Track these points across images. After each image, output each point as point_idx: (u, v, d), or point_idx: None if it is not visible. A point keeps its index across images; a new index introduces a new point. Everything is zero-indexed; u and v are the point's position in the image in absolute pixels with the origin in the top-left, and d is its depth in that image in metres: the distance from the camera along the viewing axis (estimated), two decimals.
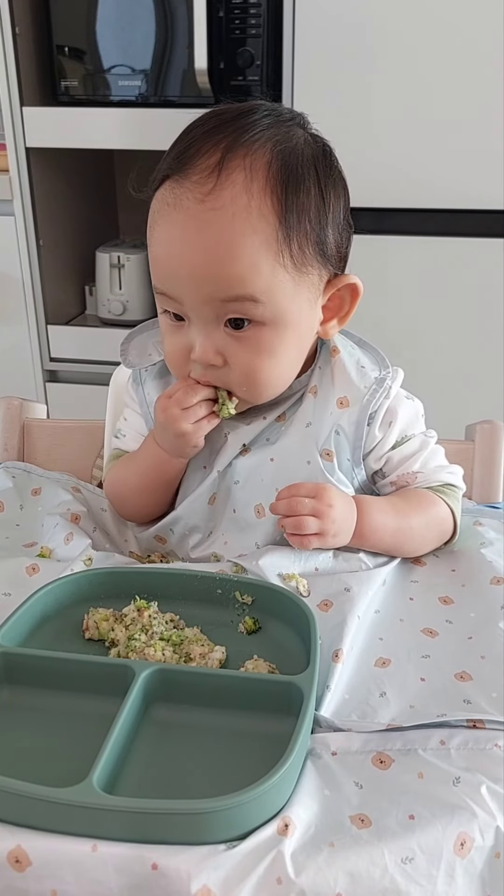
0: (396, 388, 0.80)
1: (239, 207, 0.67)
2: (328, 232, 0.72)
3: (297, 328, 0.73)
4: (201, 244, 0.68)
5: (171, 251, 0.70)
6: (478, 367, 1.75)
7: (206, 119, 0.72)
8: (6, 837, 0.47)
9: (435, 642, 0.66)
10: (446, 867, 0.47)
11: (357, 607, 0.68)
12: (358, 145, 1.61)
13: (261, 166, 0.68)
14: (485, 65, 1.54)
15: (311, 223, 0.70)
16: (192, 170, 0.68)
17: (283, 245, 0.68)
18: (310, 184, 0.70)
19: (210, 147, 0.68)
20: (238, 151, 0.68)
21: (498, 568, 0.75)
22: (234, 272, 0.68)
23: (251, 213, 0.67)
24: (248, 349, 0.72)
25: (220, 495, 0.81)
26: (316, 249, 0.71)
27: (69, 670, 0.59)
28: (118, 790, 0.50)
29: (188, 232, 0.68)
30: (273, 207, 0.68)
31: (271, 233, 0.68)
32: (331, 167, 0.73)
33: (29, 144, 1.80)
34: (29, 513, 0.87)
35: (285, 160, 0.69)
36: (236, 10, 1.65)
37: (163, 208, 0.70)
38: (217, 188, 0.67)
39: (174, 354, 0.76)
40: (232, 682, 0.58)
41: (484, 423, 0.92)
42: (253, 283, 0.68)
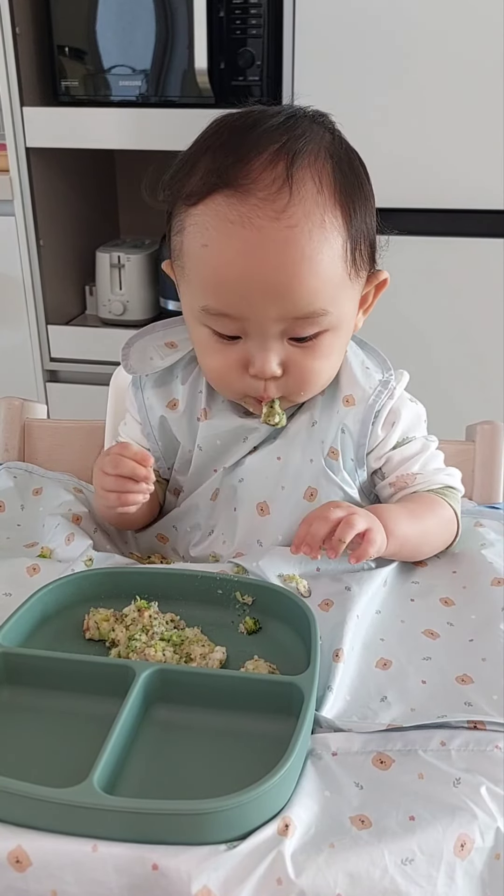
0: (401, 390, 0.80)
1: (315, 223, 0.66)
2: (373, 232, 0.73)
3: (350, 327, 0.75)
4: (282, 263, 0.66)
5: (244, 272, 0.66)
6: (478, 367, 1.75)
7: (240, 125, 0.69)
8: (7, 837, 0.47)
9: (436, 644, 0.66)
10: (446, 868, 0.47)
11: (357, 606, 0.68)
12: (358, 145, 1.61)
13: (326, 175, 0.67)
14: (485, 65, 1.54)
15: (368, 226, 0.71)
16: (255, 184, 0.65)
17: (350, 254, 0.69)
18: (363, 185, 0.71)
19: (268, 157, 0.65)
20: (302, 161, 0.66)
21: (498, 569, 0.75)
22: (313, 287, 0.67)
23: (325, 228, 0.66)
24: (309, 356, 0.72)
25: (223, 492, 0.81)
26: (369, 251, 0.72)
27: (69, 670, 0.59)
28: (118, 790, 0.50)
29: (266, 252, 0.65)
30: (343, 218, 0.68)
31: (342, 243, 0.68)
32: (364, 169, 0.73)
33: (29, 144, 1.80)
34: (30, 513, 0.87)
35: (341, 166, 0.69)
36: (236, 10, 1.65)
37: (224, 226, 0.66)
38: (291, 203, 0.65)
39: (227, 371, 0.73)
40: (232, 683, 0.58)
41: (484, 423, 0.92)
42: (325, 296, 0.68)
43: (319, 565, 0.74)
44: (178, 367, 0.83)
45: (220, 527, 0.81)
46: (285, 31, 1.59)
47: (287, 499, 0.78)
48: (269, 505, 0.79)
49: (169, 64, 1.74)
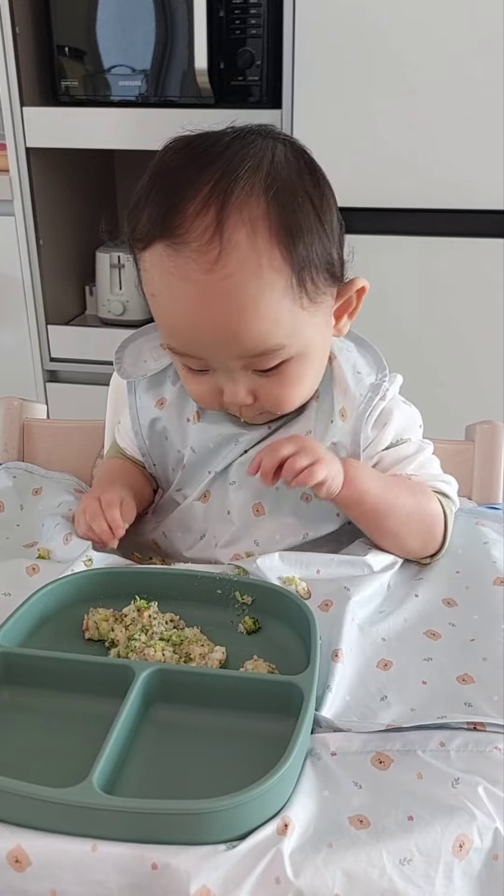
0: (394, 392, 0.79)
1: (250, 270, 0.64)
2: (332, 252, 0.70)
3: (319, 349, 0.74)
4: (220, 313, 0.66)
5: (187, 322, 0.68)
6: (478, 367, 1.75)
7: (178, 166, 0.67)
8: (6, 837, 0.47)
9: (437, 644, 0.66)
10: (444, 868, 0.47)
11: (354, 606, 0.68)
12: (358, 145, 1.61)
13: (260, 216, 0.64)
14: (485, 65, 1.54)
15: (319, 253, 0.68)
16: (187, 235, 0.64)
17: (298, 288, 0.67)
18: (308, 211, 0.67)
19: (199, 203, 0.64)
20: (232, 204, 0.64)
21: (501, 569, 0.75)
22: (259, 331, 0.67)
23: (263, 272, 0.65)
24: (276, 384, 0.72)
25: (215, 496, 0.81)
26: (327, 277, 0.70)
27: (69, 670, 0.59)
28: (118, 790, 0.50)
29: (203, 304, 0.66)
30: (283, 257, 0.65)
31: (286, 283, 0.66)
32: (316, 176, 0.70)
33: (29, 144, 1.80)
34: (29, 513, 0.87)
35: (281, 199, 0.65)
36: (236, 10, 1.65)
37: (165, 277, 0.67)
38: (223, 253, 0.63)
39: (203, 397, 0.75)
40: (232, 683, 0.58)
41: (484, 423, 0.92)
42: (277, 335, 0.68)
43: (320, 567, 0.74)
44: (171, 368, 0.83)
45: (213, 530, 0.82)
46: (285, 31, 1.59)
47: (283, 498, 0.79)
48: (263, 505, 0.79)
49: (169, 64, 1.74)
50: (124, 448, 0.88)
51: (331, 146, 1.62)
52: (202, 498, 0.81)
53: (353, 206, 1.70)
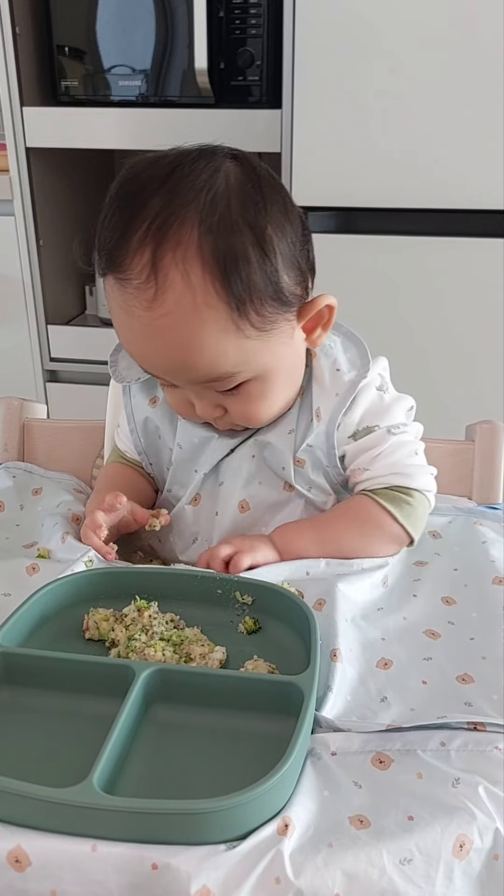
0: (369, 378, 0.78)
1: (186, 308, 0.65)
2: (281, 279, 0.68)
3: (283, 367, 0.74)
4: (166, 348, 0.68)
5: (138, 351, 0.71)
6: (478, 367, 1.75)
7: (125, 197, 0.68)
8: (6, 837, 0.47)
9: (437, 644, 0.66)
10: (445, 869, 0.47)
11: (347, 605, 0.68)
12: (358, 145, 1.61)
13: (193, 256, 0.64)
14: (485, 65, 1.54)
15: (262, 288, 0.67)
16: (129, 272, 0.66)
17: (241, 321, 0.67)
18: (248, 248, 0.65)
19: (137, 244, 0.65)
20: (167, 245, 0.64)
21: (498, 568, 0.76)
22: (202, 364, 0.68)
23: (199, 310, 0.65)
24: (241, 401, 0.74)
25: (206, 497, 0.82)
26: (275, 305, 0.69)
27: (69, 670, 0.59)
28: (118, 790, 0.50)
29: (147, 339, 0.68)
30: (219, 294, 0.65)
31: (225, 318, 0.66)
32: (264, 202, 0.67)
33: (29, 144, 1.81)
34: (29, 513, 0.87)
35: (215, 237, 0.64)
36: (236, 10, 1.65)
37: (116, 309, 0.69)
38: (159, 293, 0.65)
39: (178, 408, 0.78)
40: (232, 683, 0.58)
41: (484, 423, 0.92)
42: (224, 364, 0.69)
43: (309, 569, 0.74)
44: None
45: (204, 532, 0.82)
46: (285, 31, 1.59)
47: (266, 493, 0.80)
48: (248, 501, 0.80)
49: (169, 64, 1.74)
50: (124, 451, 0.88)
51: (331, 146, 1.62)
52: (193, 501, 0.82)
53: (354, 206, 1.70)
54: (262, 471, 0.80)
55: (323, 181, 1.65)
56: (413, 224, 1.68)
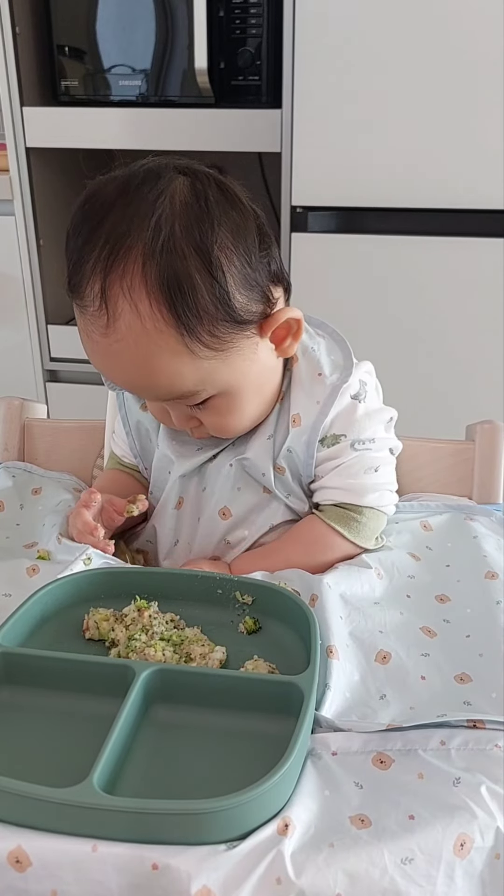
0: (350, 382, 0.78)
1: (137, 334, 0.66)
2: (233, 299, 0.68)
3: (249, 381, 0.74)
4: (122, 371, 0.70)
5: (103, 371, 0.73)
6: (478, 367, 1.75)
7: (80, 224, 0.69)
8: (6, 837, 0.47)
9: (434, 643, 0.66)
10: (446, 868, 0.47)
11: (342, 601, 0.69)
12: (358, 145, 1.61)
13: (138, 284, 0.65)
14: (485, 65, 1.54)
15: (211, 310, 0.67)
16: (84, 299, 0.68)
17: (194, 344, 0.67)
18: (192, 272, 0.65)
19: (89, 273, 0.67)
20: (114, 275, 0.65)
21: (491, 562, 0.76)
22: (160, 385, 0.70)
23: (150, 335, 0.66)
24: (212, 414, 0.75)
25: (188, 502, 0.82)
26: (228, 326, 0.69)
27: (69, 670, 0.59)
28: (118, 790, 0.50)
29: (107, 362, 0.70)
30: (167, 320, 0.66)
31: (176, 342, 0.67)
32: (211, 222, 0.67)
33: (29, 144, 1.80)
34: (29, 512, 0.87)
35: (158, 259, 0.64)
36: (236, 10, 1.65)
37: (80, 329, 0.71)
38: (111, 321, 0.66)
39: (158, 416, 0.80)
40: (232, 683, 0.58)
41: (484, 423, 0.92)
42: (183, 384, 0.70)
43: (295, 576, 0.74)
44: None
45: (185, 537, 0.83)
46: (285, 31, 1.59)
47: (244, 498, 0.81)
48: (229, 508, 0.81)
49: (169, 64, 1.74)
50: (121, 456, 0.89)
51: (331, 146, 1.62)
52: (177, 504, 0.82)
53: (354, 206, 1.70)
54: (241, 477, 0.81)
55: (323, 181, 1.65)
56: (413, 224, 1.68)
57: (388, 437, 0.81)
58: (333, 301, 1.67)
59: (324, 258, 1.68)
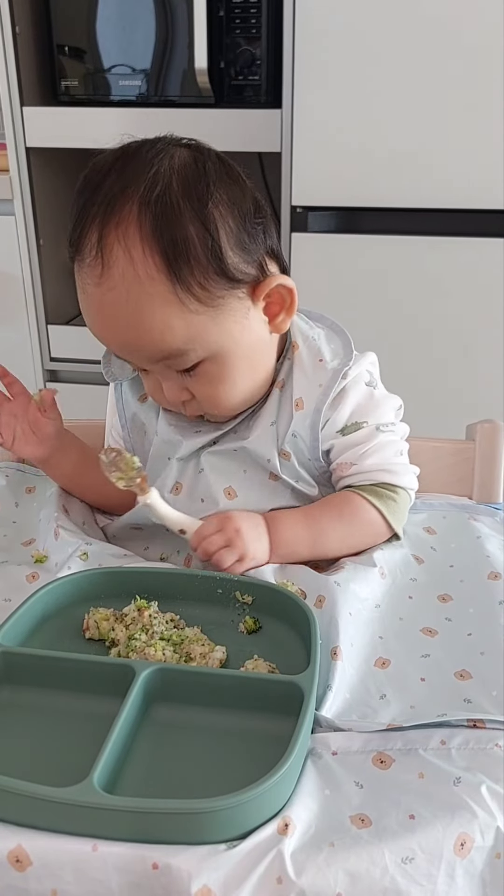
0: (357, 371, 0.79)
1: (129, 281, 0.67)
2: (225, 255, 0.69)
3: (239, 348, 0.74)
4: (113, 324, 0.71)
5: (96, 332, 0.73)
6: (478, 366, 1.75)
7: (82, 188, 0.72)
8: (7, 837, 0.47)
9: (435, 641, 0.66)
10: (446, 867, 0.47)
11: (348, 601, 0.68)
12: (358, 145, 1.61)
13: (133, 231, 0.67)
14: (485, 64, 1.54)
15: (203, 261, 0.68)
16: (82, 252, 0.70)
17: (185, 294, 0.68)
18: (186, 223, 0.67)
19: (88, 226, 0.69)
20: (110, 223, 0.68)
21: (494, 563, 0.76)
22: (151, 340, 0.70)
23: (142, 283, 0.67)
24: (203, 383, 0.75)
25: (186, 486, 0.82)
26: (219, 280, 0.70)
27: (69, 670, 0.59)
28: (119, 790, 0.50)
29: (100, 316, 0.71)
30: (159, 267, 0.67)
31: (168, 291, 0.68)
32: (207, 184, 0.69)
33: (29, 144, 1.80)
34: (25, 509, 0.87)
35: (154, 211, 0.67)
36: (236, 9, 1.65)
37: (78, 290, 0.72)
38: (105, 269, 0.68)
39: (153, 394, 0.80)
40: (232, 682, 0.58)
41: (484, 422, 0.92)
42: (173, 341, 0.70)
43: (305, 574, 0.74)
44: None
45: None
46: (285, 31, 1.59)
47: (251, 480, 0.80)
48: (234, 489, 0.80)
49: (169, 63, 1.74)
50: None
51: (331, 146, 1.62)
52: (174, 490, 0.82)
53: (354, 206, 1.70)
54: (245, 462, 0.80)
55: (323, 181, 1.65)
56: (413, 224, 1.68)
57: (401, 423, 0.82)
58: (333, 301, 1.67)
59: (324, 258, 1.68)
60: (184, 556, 0.81)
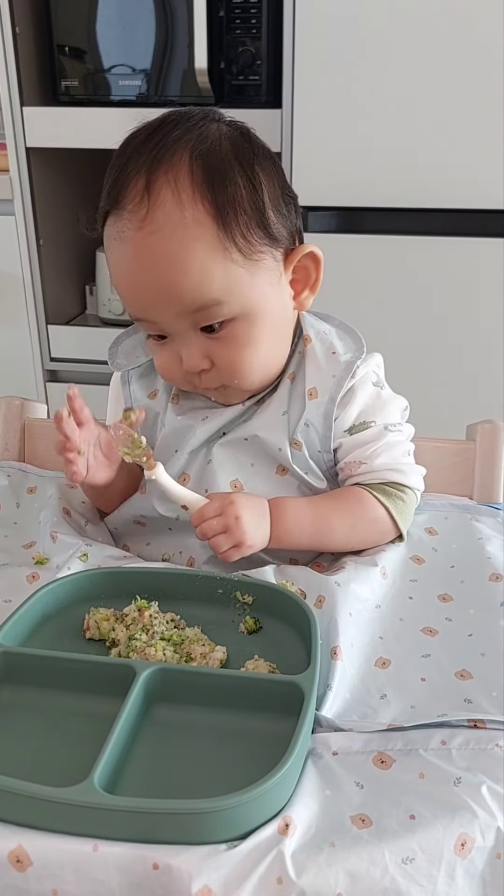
0: (365, 370, 0.79)
1: (174, 223, 0.68)
2: (268, 214, 0.72)
3: (268, 312, 0.75)
4: (152, 269, 0.70)
5: (129, 282, 0.73)
6: (478, 366, 1.75)
7: (124, 146, 0.73)
8: (7, 837, 0.47)
9: (435, 641, 0.66)
10: (447, 867, 0.47)
11: (348, 601, 0.68)
12: (358, 145, 1.61)
13: (184, 176, 0.69)
14: (485, 65, 1.54)
15: (248, 211, 0.71)
16: (125, 200, 0.70)
17: (228, 242, 0.70)
18: (235, 175, 0.70)
19: (134, 173, 0.70)
20: (160, 169, 0.69)
21: (495, 564, 0.76)
22: (190, 285, 0.70)
23: (187, 225, 0.68)
24: (228, 347, 0.74)
25: (194, 476, 0.81)
26: (261, 234, 0.72)
27: (70, 670, 0.59)
28: (119, 790, 0.50)
29: (137, 261, 0.70)
30: (206, 210, 0.69)
31: (212, 235, 0.69)
32: (253, 150, 0.73)
33: (29, 144, 1.80)
34: (26, 510, 0.87)
35: (205, 161, 0.70)
36: (236, 9, 1.65)
37: (112, 244, 0.72)
38: (150, 211, 0.68)
39: (166, 368, 0.78)
40: (233, 682, 0.58)
41: (484, 423, 0.92)
42: (210, 289, 0.70)
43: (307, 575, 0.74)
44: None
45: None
46: (285, 31, 1.59)
47: (258, 474, 0.80)
48: (241, 483, 0.79)
49: (169, 64, 1.74)
50: None
51: (331, 146, 1.62)
52: (180, 480, 0.81)
53: (354, 206, 1.70)
54: (254, 455, 0.80)
55: (323, 181, 1.65)
56: (413, 224, 1.68)
57: (406, 424, 0.82)
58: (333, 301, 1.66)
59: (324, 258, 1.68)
60: (186, 557, 0.81)
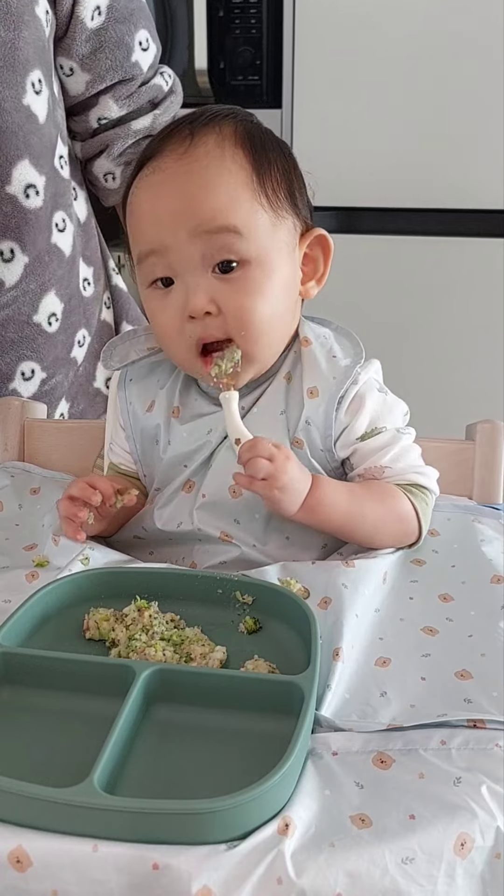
0: (367, 377, 0.79)
1: (213, 158, 0.74)
2: (296, 186, 0.79)
3: (282, 272, 0.76)
4: (182, 189, 0.74)
5: (153, 203, 0.75)
6: (478, 366, 1.75)
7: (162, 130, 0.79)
8: (7, 837, 0.47)
9: (435, 640, 0.66)
10: (447, 867, 0.47)
11: (355, 603, 0.68)
12: (358, 145, 1.61)
13: (229, 132, 0.75)
14: (485, 65, 1.54)
15: (281, 174, 0.77)
16: (166, 143, 0.75)
17: (258, 186, 0.75)
18: (273, 145, 0.78)
19: (180, 129, 0.76)
20: (207, 125, 0.76)
21: (497, 566, 0.75)
22: (215, 205, 0.73)
23: (225, 159, 0.74)
24: (238, 291, 0.74)
25: (196, 481, 0.81)
26: (288, 198, 0.77)
27: (70, 670, 0.59)
28: (119, 790, 0.50)
29: (169, 185, 0.74)
30: (245, 156, 0.75)
31: (246, 175, 0.74)
32: (279, 139, 0.81)
33: None
34: (28, 512, 0.87)
35: (247, 128, 0.77)
36: (236, 10, 1.65)
37: (142, 181, 0.76)
38: (191, 147, 0.74)
39: (169, 324, 0.77)
40: (232, 682, 0.58)
41: (484, 422, 0.92)
42: (234, 214, 0.73)
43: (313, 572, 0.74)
44: (158, 371, 0.85)
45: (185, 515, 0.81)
46: (285, 31, 1.60)
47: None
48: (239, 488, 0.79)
49: (169, 64, 1.73)
50: (118, 464, 0.88)
51: (331, 146, 1.62)
52: (185, 487, 0.82)
53: (354, 206, 1.70)
54: None
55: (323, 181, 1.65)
56: (413, 224, 1.68)
57: (409, 428, 0.82)
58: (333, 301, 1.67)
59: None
60: (188, 563, 0.81)
